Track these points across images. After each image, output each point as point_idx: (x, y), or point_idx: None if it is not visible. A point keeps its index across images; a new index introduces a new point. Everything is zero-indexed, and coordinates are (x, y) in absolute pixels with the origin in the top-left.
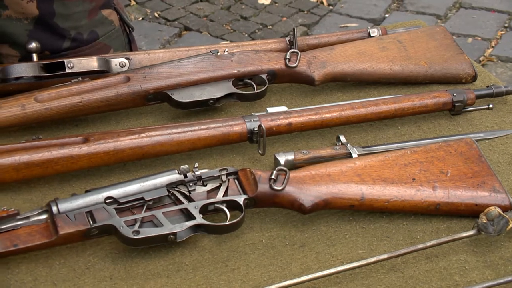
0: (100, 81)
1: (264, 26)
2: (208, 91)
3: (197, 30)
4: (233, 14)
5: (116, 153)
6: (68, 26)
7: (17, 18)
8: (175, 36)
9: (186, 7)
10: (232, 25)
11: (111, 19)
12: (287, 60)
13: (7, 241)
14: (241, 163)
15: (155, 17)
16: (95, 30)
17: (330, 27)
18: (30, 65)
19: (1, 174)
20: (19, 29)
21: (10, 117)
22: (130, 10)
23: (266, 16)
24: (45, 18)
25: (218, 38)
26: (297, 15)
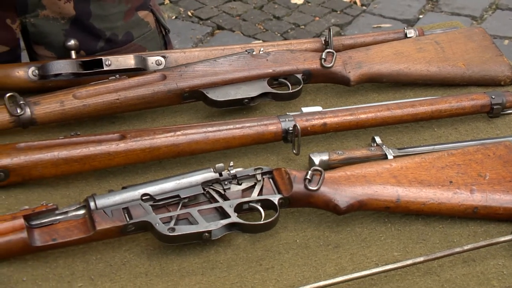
0: (137, 79)
1: (296, 26)
2: (243, 90)
3: (230, 29)
4: (266, 13)
5: (152, 150)
6: (103, 27)
7: (54, 18)
8: (208, 35)
9: (219, 6)
10: (264, 25)
11: (147, 21)
12: (322, 60)
13: (46, 235)
14: (275, 162)
15: (188, 16)
16: (131, 31)
17: (363, 28)
18: (69, 62)
19: (41, 169)
20: (55, 29)
21: (49, 113)
22: (164, 8)
23: (299, 16)
24: (81, 19)
25: (251, 37)
26: (330, 15)
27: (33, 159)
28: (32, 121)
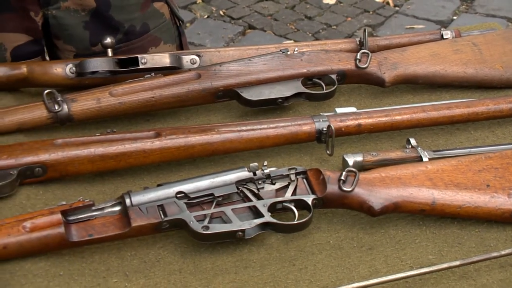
0: (172, 77)
1: (328, 26)
2: (277, 89)
3: (261, 29)
4: (298, 13)
5: (187, 148)
6: (122, 18)
7: (75, 10)
8: (239, 35)
9: (251, 6)
10: (296, 25)
11: (162, 12)
12: (357, 61)
13: (82, 231)
14: (308, 162)
15: (220, 15)
16: (147, 22)
17: (395, 28)
18: (106, 60)
19: (77, 166)
20: (75, 21)
21: (86, 110)
22: (196, 8)
23: (331, 16)
24: (101, 10)
25: (282, 37)
26: (362, 15)
27: (70, 155)
28: (69, 117)
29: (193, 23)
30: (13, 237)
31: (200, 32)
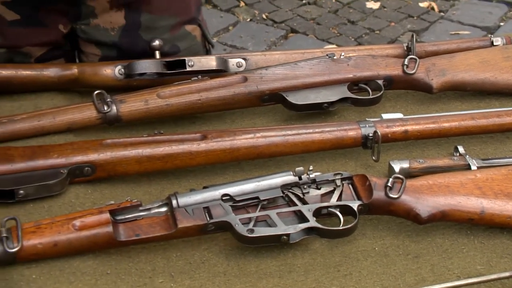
0: (218, 80)
1: (371, 31)
2: (323, 94)
3: (304, 33)
4: (340, 17)
5: (232, 151)
6: (151, 38)
7: (104, 28)
8: (281, 38)
9: (293, 10)
10: (338, 29)
11: (194, 35)
12: (404, 67)
13: (130, 231)
14: (353, 168)
15: (263, 18)
16: (177, 44)
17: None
18: (154, 62)
19: (125, 166)
20: (104, 38)
21: (134, 111)
22: (239, 11)
23: (374, 21)
24: (130, 29)
25: (324, 41)
26: (406, 20)
27: (119, 156)
28: (117, 118)
29: (236, 26)
30: (63, 235)
31: (243, 35)
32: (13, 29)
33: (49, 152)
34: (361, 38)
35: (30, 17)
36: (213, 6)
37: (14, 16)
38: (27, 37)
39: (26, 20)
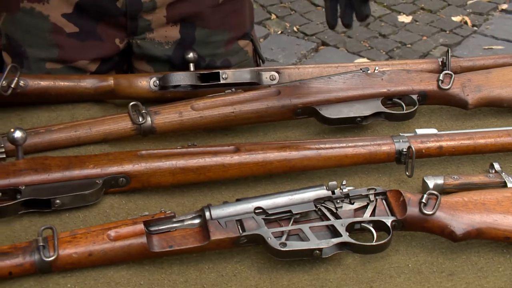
0: (252, 93)
1: (403, 45)
2: (356, 108)
3: (334, 46)
4: (372, 31)
5: (265, 164)
6: (204, 53)
7: (159, 42)
8: (312, 51)
9: (324, 23)
10: (370, 42)
11: (246, 50)
12: (439, 82)
13: (163, 242)
14: (387, 183)
15: (294, 31)
16: (229, 58)
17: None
18: (188, 74)
19: (159, 177)
20: (159, 52)
21: (168, 123)
22: (270, 23)
23: (406, 35)
24: (185, 43)
25: (355, 54)
26: (438, 34)
27: (153, 167)
28: (152, 129)
29: (267, 38)
30: (98, 245)
31: (273, 47)
32: (71, 41)
33: (85, 163)
34: (393, 51)
35: (89, 30)
36: None
37: (73, 29)
38: (83, 51)
39: (85, 33)
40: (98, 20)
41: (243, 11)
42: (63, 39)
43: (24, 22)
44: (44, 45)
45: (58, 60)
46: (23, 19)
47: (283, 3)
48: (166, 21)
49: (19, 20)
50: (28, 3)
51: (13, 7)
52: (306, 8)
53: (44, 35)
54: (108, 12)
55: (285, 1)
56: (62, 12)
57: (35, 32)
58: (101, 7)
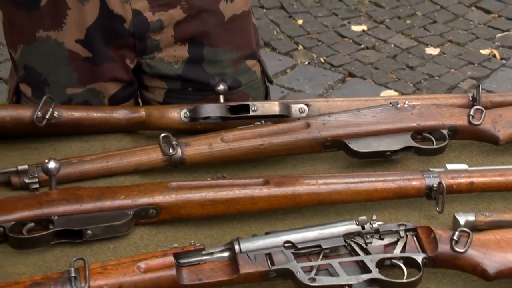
0: (281, 126)
1: (430, 77)
2: (386, 142)
3: (361, 77)
4: (399, 62)
5: (294, 197)
6: (214, 72)
7: (168, 62)
8: (339, 82)
9: (351, 54)
10: (397, 74)
11: (254, 70)
12: (470, 117)
13: (192, 275)
14: (416, 219)
15: (321, 62)
16: (238, 78)
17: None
18: (218, 106)
19: (189, 209)
20: (168, 71)
21: (198, 155)
22: (297, 54)
23: (433, 67)
24: (194, 62)
25: (382, 86)
26: (466, 67)
27: (183, 199)
28: (182, 161)
29: (294, 69)
30: (128, 277)
31: (300, 78)
32: (87, 66)
33: (117, 193)
34: (420, 83)
35: (102, 54)
36: (272, 49)
37: (87, 54)
38: (100, 73)
39: (98, 56)
40: (108, 42)
41: (248, 31)
42: (80, 64)
43: (42, 51)
44: (63, 72)
45: (78, 84)
46: (40, 48)
47: (310, 34)
48: (174, 40)
49: (36, 49)
50: (43, 32)
51: (30, 38)
52: (333, 39)
53: (61, 62)
54: (117, 34)
55: (312, 32)
56: (76, 38)
57: (53, 59)
58: (110, 30)
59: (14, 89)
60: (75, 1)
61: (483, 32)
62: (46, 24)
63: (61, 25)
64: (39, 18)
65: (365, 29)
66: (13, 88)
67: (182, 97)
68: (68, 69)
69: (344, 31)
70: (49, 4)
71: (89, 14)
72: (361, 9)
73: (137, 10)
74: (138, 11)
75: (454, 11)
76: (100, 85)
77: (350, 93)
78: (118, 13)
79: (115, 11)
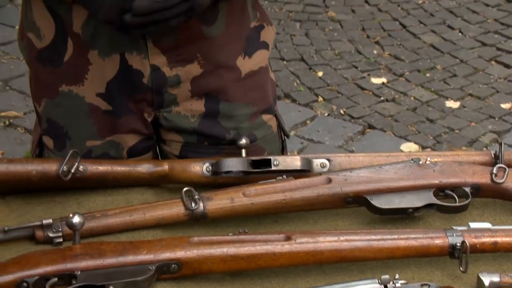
0: (303, 181)
1: (450, 130)
2: (408, 199)
3: (381, 129)
4: (419, 115)
5: (315, 254)
6: (230, 126)
7: (185, 116)
8: (359, 134)
9: (371, 106)
10: (417, 127)
11: (270, 124)
12: (493, 175)
13: None
14: (439, 278)
15: (341, 113)
16: (254, 132)
17: None
18: (240, 160)
19: (210, 264)
20: (185, 124)
21: (219, 209)
22: (317, 106)
23: (454, 120)
24: (210, 116)
25: (402, 138)
26: (487, 121)
27: (205, 254)
28: (204, 215)
29: (313, 120)
30: None
31: (320, 129)
32: (106, 118)
33: (139, 248)
34: (440, 136)
35: (121, 107)
36: (291, 100)
37: (107, 107)
38: (119, 126)
39: (118, 110)
40: (128, 96)
41: (265, 86)
42: (100, 117)
43: (64, 104)
44: (83, 124)
45: (97, 137)
46: (62, 102)
47: (330, 86)
48: (191, 95)
49: (59, 103)
50: (66, 86)
51: (53, 92)
52: (352, 91)
53: (82, 115)
54: (136, 88)
55: (332, 84)
56: (96, 92)
57: (75, 113)
58: (129, 84)
59: (37, 141)
60: (97, 57)
61: (503, 86)
62: (69, 78)
63: (82, 80)
64: (62, 74)
65: (384, 82)
66: (36, 140)
67: (198, 151)
68: (89, 122)
69: (364, 83)
70: (72, 60)
71: (109, 69)
72: (381, 62)
73: (155, 66)
74: (156, 66)
75: (474, 65)
76: (119, 136)
77: (370, 145)
78: (137, 68)
79: (134, 66)
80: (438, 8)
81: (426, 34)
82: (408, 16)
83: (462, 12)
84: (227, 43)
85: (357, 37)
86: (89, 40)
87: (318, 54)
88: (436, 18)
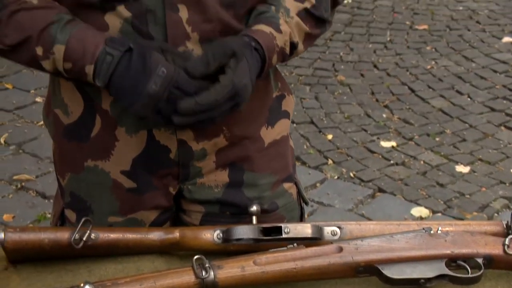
0: (314, 249)
1: (461, 195)
2: (420, 269)
3: (391, 193)
4: (429, 179)
5: None
6: (253, 195)
7: (209, 186)
8: (369, 197)
9: (381, 169)
10: (427, 191)
11: (291, 192)
12: (505, 247)
13: None
14: None
15: (350, 177)
16: (276, 201)
17: None
18: (251, 228)
19: None
20: (208, 195)
21: (230, 278)
22: (327, 168)
23: (464, 185)
24: (234, 186)
25: (412, 202)
26: (497, 186)
27: None
28: (214, 284)
29: (323, 183)
30: None
31: (330, 192)
32: (129, 196)
33: None
34: (451, 201)
35: (145, 184)
36: (301, 163)
37: (131, 184)
38: (142, 203)
39: (142, 187)
40: (153, 172)
41: (286, 154)
42: (123, 194)
43: (88, 179)
44: (106, 200)
45: (119, 213)
46: (87, 177)
47: (340, 149)
48: (215, 166)
49: (83, 178)
50: (91, 161)
51: (78, 167)
52: (362, 155)
53: (106, 190)
54: (162, 164)
55: (342, 147)
56: (121, 169)
57: (99, 188)
58: (155, 160)
59: (59, 214)
60: (124, 134)
61: None
62: (95, 154)
63: (109, 156)
64: (88, 149)
65: (394, 145)
66: (58, 213)
67: (218, 221)
68: (111, 198)
69: (373, 147)
70: (99, 135)
71: (136, 146)
72: (390, 126)
73: (182, 140)
74: (183, 141)
75: (483, 130)
76: (141, 213)
77: (380, 209)
78: (164, 144)
79: (162, 142)
80: (446, 73)
81: (435, 99)
82: (417, 81)
83: (470, 78)
84: (251, 115)
85: (366, 100)
86: (117, 117)
87: (328, 117)
88: (445, 83)
